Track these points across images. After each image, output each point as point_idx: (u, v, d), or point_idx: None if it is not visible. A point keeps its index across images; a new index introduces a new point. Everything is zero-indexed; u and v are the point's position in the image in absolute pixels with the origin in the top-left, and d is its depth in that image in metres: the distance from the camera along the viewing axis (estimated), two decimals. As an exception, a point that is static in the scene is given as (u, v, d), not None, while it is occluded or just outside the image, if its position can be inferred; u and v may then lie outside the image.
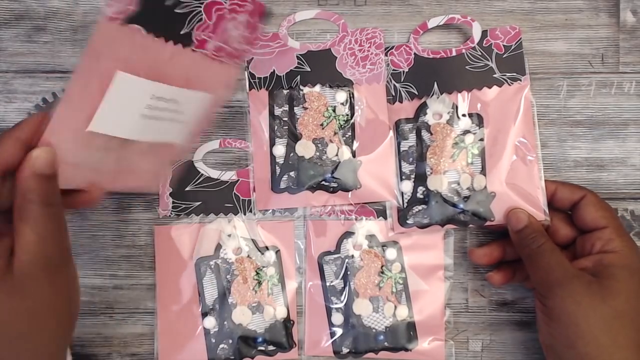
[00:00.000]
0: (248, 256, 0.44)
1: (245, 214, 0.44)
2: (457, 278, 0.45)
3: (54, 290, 0.33)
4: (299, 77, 0.44)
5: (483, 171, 0.43)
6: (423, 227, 0.43)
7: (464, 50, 0.44)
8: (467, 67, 0.43)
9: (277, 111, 0.44)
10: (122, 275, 0.45)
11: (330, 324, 0.44)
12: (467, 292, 0.45)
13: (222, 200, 0.44)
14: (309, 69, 0.44)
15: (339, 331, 0.44)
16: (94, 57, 0.32)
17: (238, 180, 0.44)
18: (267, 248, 0.44)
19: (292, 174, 0.44)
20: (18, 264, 0.31)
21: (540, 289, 0.39)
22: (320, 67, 0.44)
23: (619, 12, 0.45)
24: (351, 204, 0.44)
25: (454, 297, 0.45)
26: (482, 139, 0.43)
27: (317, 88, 0.44)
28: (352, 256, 0.44)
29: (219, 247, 0.44)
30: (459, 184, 0.43)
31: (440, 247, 0.44)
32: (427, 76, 0.44)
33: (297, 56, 0.44)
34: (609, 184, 0.45)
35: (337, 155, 0.44)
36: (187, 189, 0.44)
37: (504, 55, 0.43)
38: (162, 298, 0.44)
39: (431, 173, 0.43)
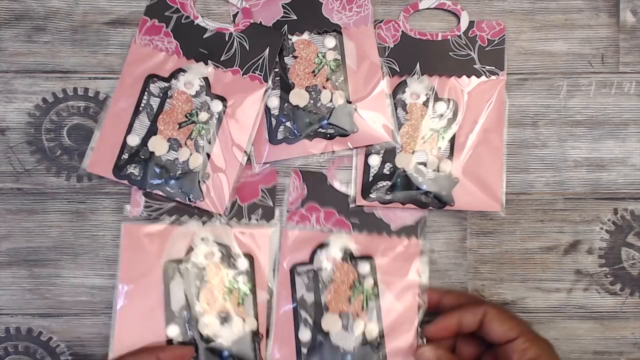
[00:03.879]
0: (221, 262, 0.43)
1: (220, 218, 0.43)
2: (457, 278, 0.45)
3: None
4: (286, 26, 0.44)
5: (450, 156, 0.43)
6: (385, 202, 0.43)
7: (449, 37, 0.44)
8: (450, 53, 0.44)
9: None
10: (122, 275, 0.45)
11: (297, 341, 0.42)
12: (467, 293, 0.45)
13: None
14: (295, 18, 0.44)
15: (304, 350, 0.42)
16: None
17: None
18: (240, 255, 0.43)
19: (288, 124, 0.44)
20: None
21: None
22: (307, 15, 0.44)
23: (619, 12, 0.45)
24: (349, 148, 0.43)
25: (454, 297, 0.45)
26: (454, 126, 0.43)
27: (306, 36, 0.44)
28: (325, 269, 0.43)
29: (190, 249, 0.43)
30: (425, 165, 0.43)
31: (416, 265, 0.43)
32: (410, 55, 0.44)
33: (282, 5, 0.44)
34: (609, 184, 0.45)
35: (331, 101, 0.44)
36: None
37: (486, 48, 0.44)
38: (125, 299, 0.42)
39: (401, 151, 0.43)
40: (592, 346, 0.45)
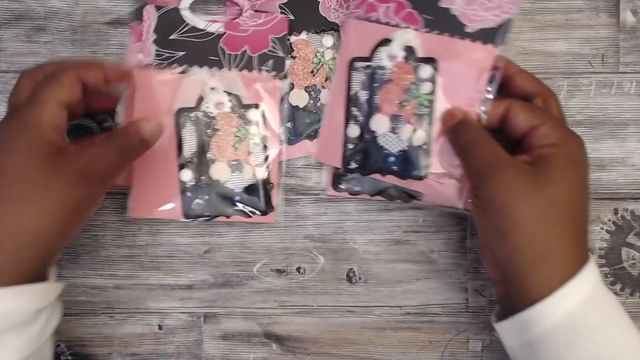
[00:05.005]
0: (231, 112, 0.43)
1: (230, 69, 0.43)
2: (457, 278, 0.45)
3: (86, 199, 0.36)
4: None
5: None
6: (354, 194, 0.43)
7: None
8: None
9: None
10: (122, 275, 0.45)
11: (345, 136, 0.42)
12: (467, 292, 0.45)
13: (207, 52, 0.43)
14: (292, 17, 0.43)
15: (351, 145, 0.42)
16: None
17: (225, 33, 0.43)
18: (251, 106, 0.43)
19: (288, 125, 0.44)
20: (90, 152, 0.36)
21: (474, 180, 0.37)
22: (304, 14, 0.43)
23: (619, 12, 0.45)
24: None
25: (454, 297, 0.45)
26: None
27: (304, 35, 0.44)
28: (384, 67, 0.41)
29: (200, 99, 0.43)
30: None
31: (485, 76, 0.39)
32: None
33: (279, 6, 0.43)
34: (609, 184, 0.45)
35: None
36: (171, 37, 0.42)
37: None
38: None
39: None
40: (592, 346, 0.45)
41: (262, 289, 0.45)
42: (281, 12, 0.43)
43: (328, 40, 0.44)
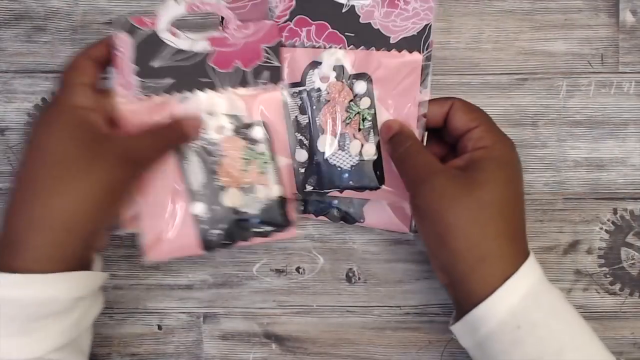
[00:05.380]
0: (234, 134, 0.41)
1: (224, 89, 0.40)
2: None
3: (123, 184, 0.36)
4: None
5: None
6: (298, 212, 0.43)
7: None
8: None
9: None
10: (122, 275, 0.45)
11: (294, 161, 0.42)
12: (467, 292, 0.45)
13: (196, 74, 0.40)
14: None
15: (302, 169, 0.42)
16: None
17: (213, 50, 0.40)
18: (253, 124, 0.41)
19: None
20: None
21: (410, 189, 0.38)
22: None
23: (619, 12, 0.45)
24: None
25: (454, 297, 0.45)
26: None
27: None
28: (319, 89, 0.41)
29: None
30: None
31: (417, 81, 0.40)
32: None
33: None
34: (609, 184, 0.45)
35: None
36: (153, 64, 0.39)
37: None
38: (144, 186, 0.40)
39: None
40: (591, 346, 0.45)
41: (262, 289, 0.45)
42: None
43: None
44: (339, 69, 0.41)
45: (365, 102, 0.41)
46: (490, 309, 0.35)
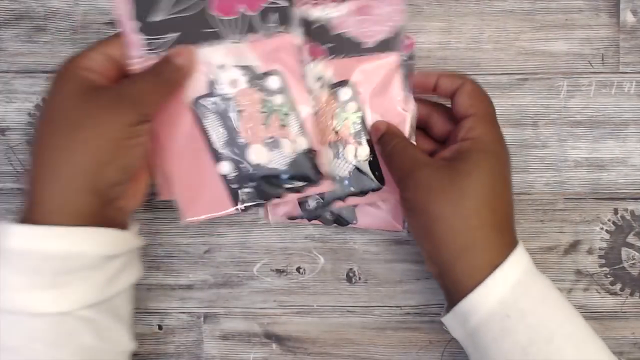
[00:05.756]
0: (249, 86, 0.38)
1: (232, 38, 0.38)
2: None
3: (123, 126, 0.35)
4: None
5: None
6: (292, 219, 0.43)
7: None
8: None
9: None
10: (122, 275, 0.45)
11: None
12: (467, 292, 0.45)
13: (200, 25, 0.37)
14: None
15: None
16: None
17: None
18: (268, 73, 0.38)
19: None
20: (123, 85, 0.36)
21: (398, 185, 0.38)
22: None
23: (619, 12, 0.45)
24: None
25: (454, 297, 0.45)
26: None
27: None
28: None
29: (212, 83, 0.38)
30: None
31: (397, 79, 0.41)
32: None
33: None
34: (609, 184, 0.45)
35: None
36: (155, 19, 0.37)
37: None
38: (166, 152, 0.39)
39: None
40: (592, 346, 0.45)
41: (262, 289, 0.45)
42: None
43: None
44: (322, 80, 0.41)
45: (351, 107, 0.41)
46: (480, 299, 0.35)
